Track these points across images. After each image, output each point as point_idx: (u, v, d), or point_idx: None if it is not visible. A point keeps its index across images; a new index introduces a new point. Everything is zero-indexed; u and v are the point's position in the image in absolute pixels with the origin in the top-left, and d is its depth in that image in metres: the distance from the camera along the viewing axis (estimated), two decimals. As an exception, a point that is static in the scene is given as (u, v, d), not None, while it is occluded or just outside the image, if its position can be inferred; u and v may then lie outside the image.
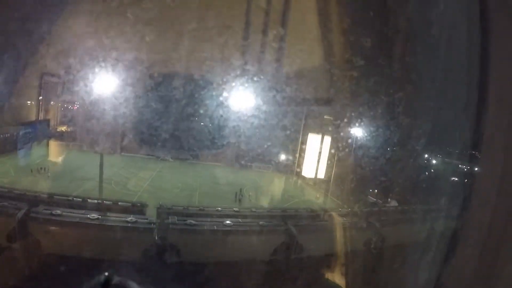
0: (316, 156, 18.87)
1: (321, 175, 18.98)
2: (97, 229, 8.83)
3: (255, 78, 13.07)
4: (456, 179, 5.55)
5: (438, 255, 4.86)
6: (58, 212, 8.98)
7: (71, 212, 9.30)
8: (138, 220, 9.43)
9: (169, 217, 10.10)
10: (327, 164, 18.43)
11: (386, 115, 8.93)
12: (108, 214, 9.84)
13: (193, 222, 9.61)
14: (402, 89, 6.95)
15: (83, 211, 9.57)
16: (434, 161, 7.44)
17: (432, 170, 7.59)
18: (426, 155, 7.62)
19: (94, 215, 9.16)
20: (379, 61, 7.92)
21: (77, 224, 8.78)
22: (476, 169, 4.53)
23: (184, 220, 9.80)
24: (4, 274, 5.95)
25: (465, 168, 5.02)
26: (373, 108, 10.12)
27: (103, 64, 11.18)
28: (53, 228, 8.56)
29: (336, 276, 8.23)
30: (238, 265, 7.77)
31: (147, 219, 9.84)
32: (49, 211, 8.99)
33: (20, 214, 8.56)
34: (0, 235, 7.78)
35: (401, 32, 7.16)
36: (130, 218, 9.39)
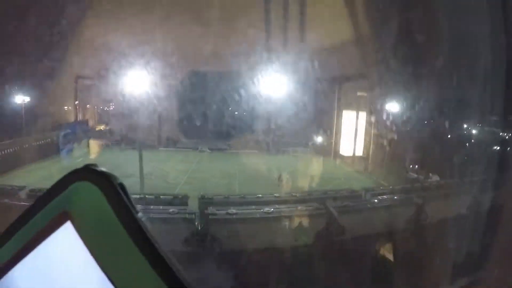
0: (352, 134, 18.50)
1: (359, 153, 18.62)
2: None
3: (283, 61, 13.00)
4: (498, 147, 5.28)
5: (482, 227, 4.72)
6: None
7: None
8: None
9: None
10: (365, 141, 18.05)
11: (422, 87, 8.58)
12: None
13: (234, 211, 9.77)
14: (436, 60, 6.65)
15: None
16: (474, 131, 7.07)
17: (472, 140, 7.23)
18: (465, 125, 7.26)
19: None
20: (411, 33, 7.61)
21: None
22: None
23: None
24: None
25: (506, 136, 4.76)
26: (408, 80, 9.75)
27: (134, 61, 11.54)
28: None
29: (382, 257, 8.08)
30: (278, 252, 7.84)
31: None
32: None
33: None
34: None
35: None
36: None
